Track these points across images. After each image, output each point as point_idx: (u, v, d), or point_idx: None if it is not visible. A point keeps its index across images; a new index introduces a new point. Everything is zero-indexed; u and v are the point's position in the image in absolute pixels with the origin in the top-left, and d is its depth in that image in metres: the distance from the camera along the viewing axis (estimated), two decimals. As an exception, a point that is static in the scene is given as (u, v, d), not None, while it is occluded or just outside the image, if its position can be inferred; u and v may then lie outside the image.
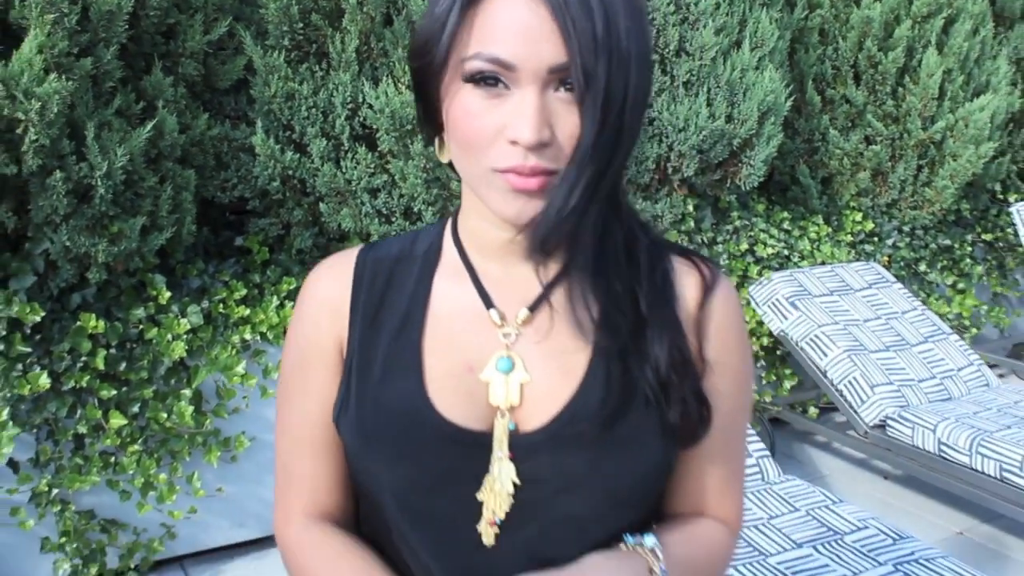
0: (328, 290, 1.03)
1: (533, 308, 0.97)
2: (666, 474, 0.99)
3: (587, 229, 0.89)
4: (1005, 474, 3.21)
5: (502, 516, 0.93)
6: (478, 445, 0.94)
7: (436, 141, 0.98)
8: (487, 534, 0.94)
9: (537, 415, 0.94)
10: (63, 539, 2.85)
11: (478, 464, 0.94)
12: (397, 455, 0.95)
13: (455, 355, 0.97)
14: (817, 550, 2.54)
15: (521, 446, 0.93)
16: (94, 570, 2.92)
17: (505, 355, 0.95)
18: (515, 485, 0.92)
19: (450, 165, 0.97)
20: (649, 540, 0.95)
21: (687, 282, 1.01)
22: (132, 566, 3.01)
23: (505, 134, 0.87)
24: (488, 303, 0.98)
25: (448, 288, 1.00)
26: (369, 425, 0.96)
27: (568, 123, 0.87)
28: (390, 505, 0.96)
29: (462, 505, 0.94)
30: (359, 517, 1.07)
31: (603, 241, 0.93)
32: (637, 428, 0.94)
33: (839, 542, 2.59)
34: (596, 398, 0.93)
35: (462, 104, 0.88)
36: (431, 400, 0.95)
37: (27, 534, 2.85)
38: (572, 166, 0.86)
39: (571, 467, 0.93)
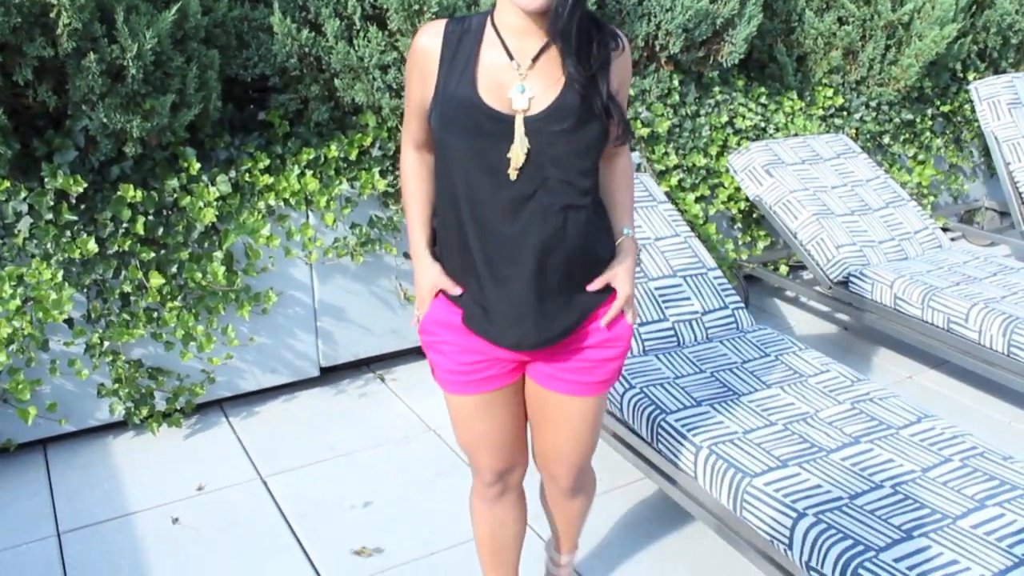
0: (429, 43, 1.59)
1: (535, 60, 1.55)
2: (603, 146, 1.61)
3: (571, 19, 1.47)
4: (952, 325, 3.25)
5: (519, 164, 1.53)
6: (506, 123, 1.53)
7: None
8: (512, 174, 1.54)
9: (537, 110, 1.54)
10: (116, 385, 2.91)
11: (506, 136, 1.53)
12: (461, 128, 1.55)
13: (493, 81, 1.55)
14: (784, 390, 2.59)
15: (529, 126, 1.53)
16: (145, 411, 2.98)
17: (520, 83, 1.54)
18: (527, 149, 1.53)
19: None
20: (627, 232, 1.73)
21: (611, 44, 1.59)
22: (178, 407, 3.07)
23: None
24: (510, 57, 1.55)
25: (489, 49, 1.57)
26: (448, 112, 1.55)
27: None
28: (461, 158, 1.57)
29: (500, 159, 1.54)
30: (438, 163, 1.65)
31: (577, 27, 1.49)
32: (588, 123, 1.55)
33: (803, 383, 2.63)
34: (569, 102, 1.54)
35: None
36: (481, 97, 1.54)
37: (85, 382, 2.91)
38: None
39: (555, 136, 1.54)
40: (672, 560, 2.47)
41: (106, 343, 2.86)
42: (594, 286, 1.66)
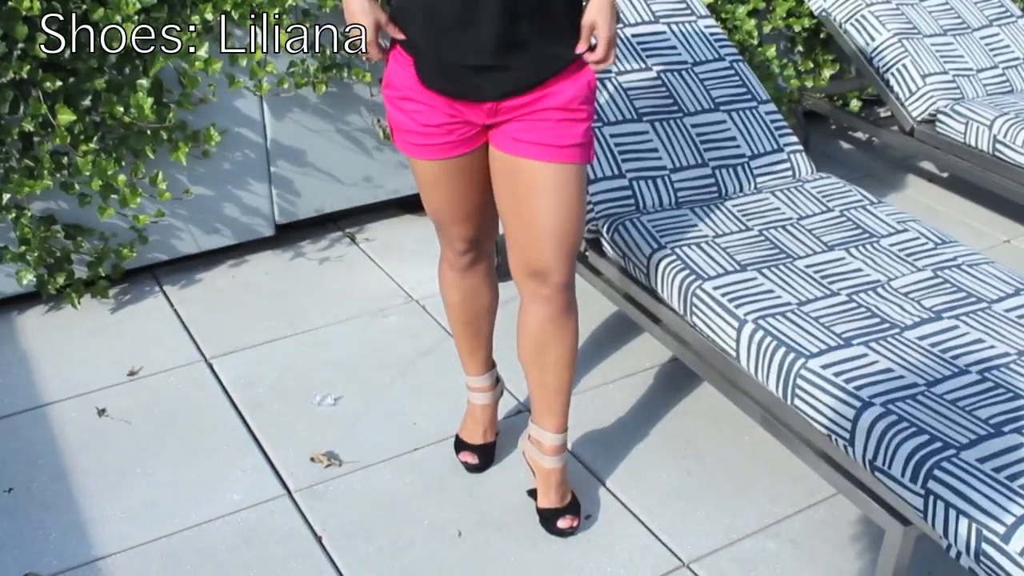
0: None
1: None
2: None
3: None
4: (1064, 173, 3.19)
5: None
6: None
7: None
8: None
9: None
10: (23, 247, 2.88)
11: None
12: None
13: None
14: (850, 253, 2.55)
15: None
16: (62, 279, 2.96)
17: None
18: None
19: None
20: None
21: None
22: (103, 274, 3.05)
23: None
24: None
25: None
26: None
27: None
28: None
29: None
30: None
31: None
32: None
33: (875, 245, 2.59)
34: None
35: None
36: None
37: (-18, 241, 2.88)
38: None
39: None
40: (706, 459, 2.49)
41: (6, 196, 2.81)
42: (581, 47, 1.88)
